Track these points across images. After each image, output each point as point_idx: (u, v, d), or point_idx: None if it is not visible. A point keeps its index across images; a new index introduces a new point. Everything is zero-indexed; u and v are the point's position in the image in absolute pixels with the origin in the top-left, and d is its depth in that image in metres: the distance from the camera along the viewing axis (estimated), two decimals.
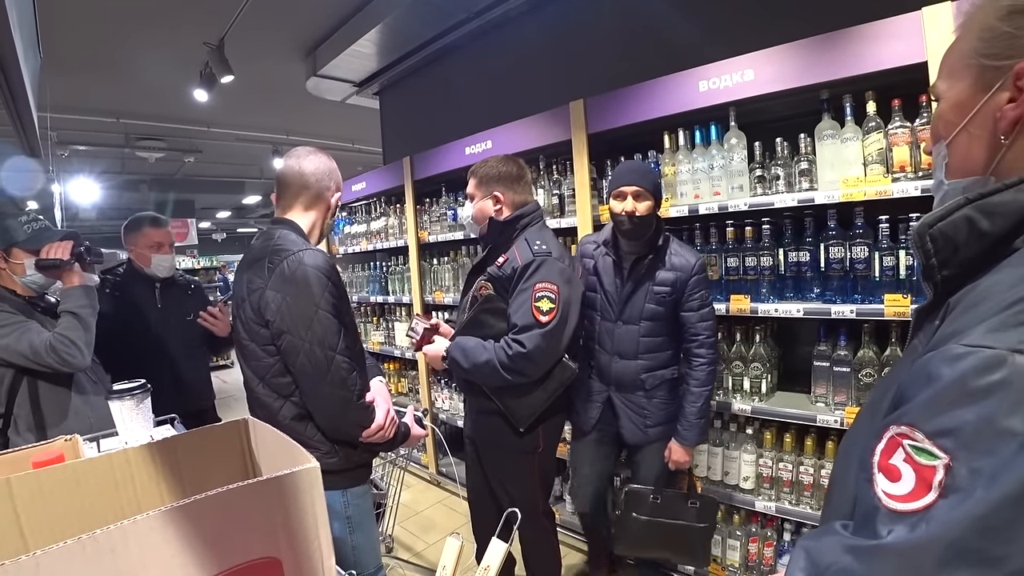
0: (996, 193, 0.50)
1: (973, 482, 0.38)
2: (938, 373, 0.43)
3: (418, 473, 3.86)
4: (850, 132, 1.88)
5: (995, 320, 0.42)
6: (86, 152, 7.29)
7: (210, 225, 16.41)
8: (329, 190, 1.61)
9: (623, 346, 2.04)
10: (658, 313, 1.99)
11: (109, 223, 13.33)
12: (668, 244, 1.99)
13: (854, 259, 1.89)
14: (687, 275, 1.94)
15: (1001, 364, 0.39)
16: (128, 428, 1.52)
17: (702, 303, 1.96)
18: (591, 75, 3.12)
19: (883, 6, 1.76)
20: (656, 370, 2.04)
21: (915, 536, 0.39)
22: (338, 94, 5.10)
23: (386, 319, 4.02)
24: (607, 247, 2.04)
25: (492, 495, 2.10)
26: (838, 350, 1.98)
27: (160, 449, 0.85)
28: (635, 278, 1.99)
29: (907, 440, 0.43)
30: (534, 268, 1.77)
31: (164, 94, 5.43)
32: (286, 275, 1.38)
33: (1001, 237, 0.50)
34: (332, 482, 1.44)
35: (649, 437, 2.08)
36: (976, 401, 0.39)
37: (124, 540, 0.53)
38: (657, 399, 2.06)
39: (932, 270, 0.55)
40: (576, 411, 2.18)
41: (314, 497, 0.65)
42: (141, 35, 4.11)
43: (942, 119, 0.60)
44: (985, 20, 0.55)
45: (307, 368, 1.38)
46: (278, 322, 1.38)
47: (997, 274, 0.48)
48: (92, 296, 1.89)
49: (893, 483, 0.43)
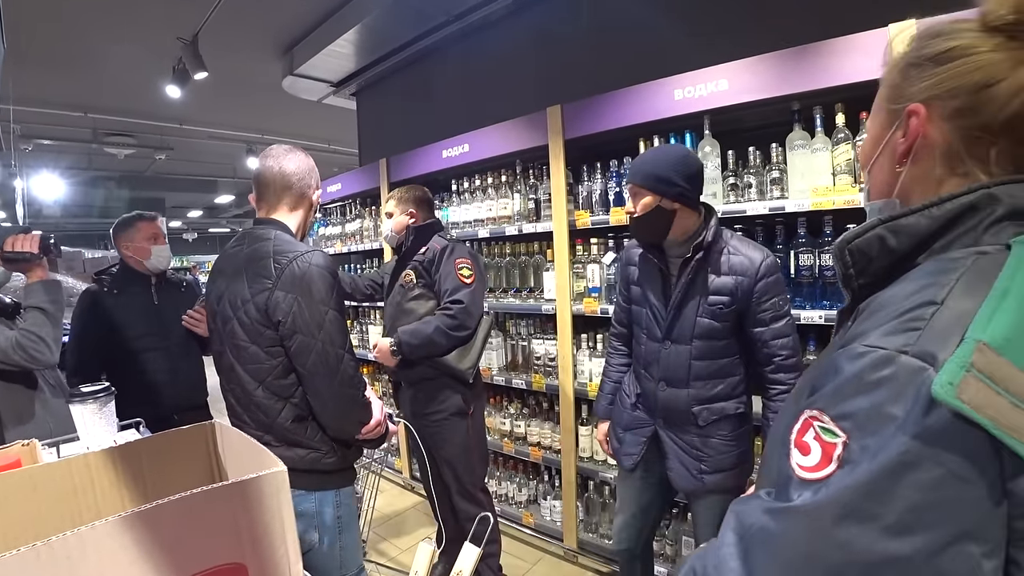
0: (903, 216, 0.59)
1: (862, 456, 0.46)
2: (842, 367, 0.52)
3: (392, 478, 3.83)
4: (820, 143, 1.93)
5: (888, 326, 0.51)
6: (51, 147, 7.10)
7: (181, 224, 16.09)
8: (311, 188, 1.60)
9: (671, 371, 1.68)
10: (715, 330, 1.62)
11: (74, 221, 12.99)
12: (722, 241, 1.63)
13: (823, 266, 1.94)
14: (751, 279, 1.57)
15: (890, 362, 0.47)
16: (90, 433, 1.48)
17: (776, 313, 1.58)
18: (569, 81, 3.14)
19: (852, 22, 1.81)
20: (713, 402, 1.66)
21: (817, 498, 0.48)
22: (315, 94, 5.05)
23: (360, 322, 3.98)
24: (649, 249, 1.72)
25: (441, 479, 2.36)
26: (808, 355, 2.02)
27: (122, 454, 0.83)
28: (684, 286, 1.63)
29: (817, 422, 0.51)
30: (450, 250, 2.24)
31: (135, 89, 5.31)
32: (296, 276, 1.38)
33: (905, 253, 0.59)
34: (328, 482, 1.49)
35: (705, 485, 1.68)
36: (869, 391, 0.48)
37: (81, 547, 0.52)
38: (716, 439, 1.67)
39: (850, 279, 0.64)
40: (617, 439, 1.91)
41: (281, 501, 0.64)
42: (112, 28, 4.02)
43: (864, 151, 0.73)
44: (890, 72, 0.67)
45: (318, 368, 1.39)
46: (289, 323, 1.38)
47: (896, 286, 0.57)
48: (58, 292, 1.85)
49: (804, 456, 0.51)
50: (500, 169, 2.95)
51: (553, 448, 2.79)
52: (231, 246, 1.56)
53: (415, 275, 2.28)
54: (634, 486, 1.90)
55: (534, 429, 2.87)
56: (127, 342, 2.26)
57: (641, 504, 1.91)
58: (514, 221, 2.86)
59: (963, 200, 0.56)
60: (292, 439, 1.44)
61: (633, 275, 1.80)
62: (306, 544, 1.45)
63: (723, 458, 1.68)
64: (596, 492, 2.71)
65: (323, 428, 1.47)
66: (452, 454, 2.29)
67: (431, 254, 2.25)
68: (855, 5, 2.14)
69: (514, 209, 2.86)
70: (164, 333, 2.34)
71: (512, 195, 2.87)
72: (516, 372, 2.95)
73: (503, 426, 2.99)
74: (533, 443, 2.86)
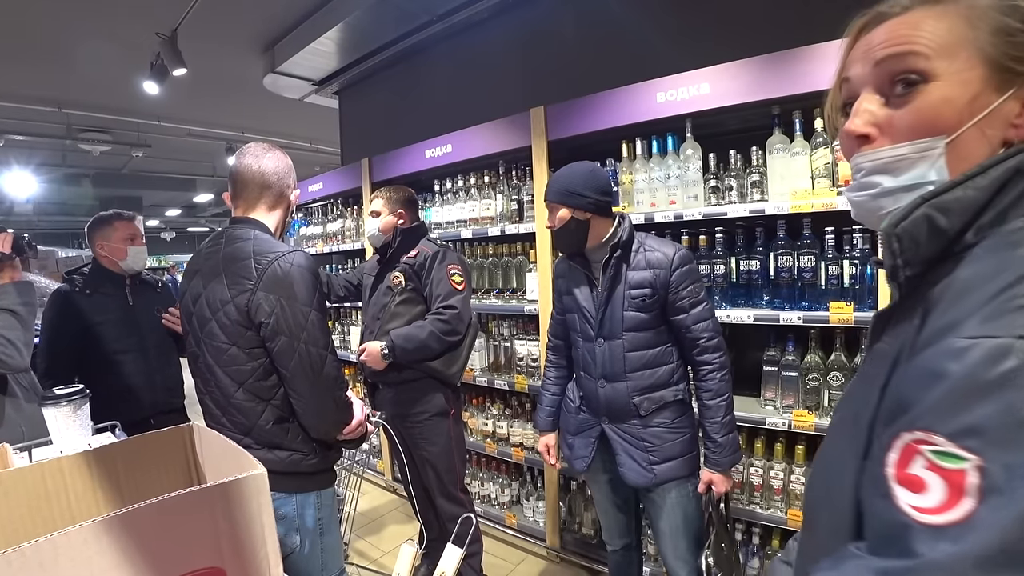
0: (947, 191, 0.50)
1: (1012, 479, 0.36)
2: (945, 369, 0.41)
3: (374, 480, 3.80)
4: (799, 147, 1.96)
5: (987, 310, 0.42)
6: (23, 142, 6.91)
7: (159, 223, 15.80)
8: (289, 187, 1.58)
9: (608, 366, 1.78)
10: (641, 321, 1.73)
11: (47, 219, 12.69)
12: (637, 241, 1.77)
13: (801, 268, 1.97)
14: (667, 270, 1.69)
15: (1008, 352, 0.38)
16: (64, 436, 1.45)
17: (694, 300, 1.70)
18: (552, 82, 3.15)
19: (831, 28, 1.84)
20: (652, 391, 1.74)
21: (962, 548, 0.36)
22: (296, 92, 4.99)
23: (341, 322, 3.94)
24: (572, 259, 1.84)
25: (420, 480, 2.38)
26: (786, 355, 2.05)
27: (97, 457, 0.81)
28: (607, 284, 1.75)
29: (925, 446, 0.40)
30: (442, 255, 2.26)
31: (111, 84, 5.19)
32: (278, 277, 1.37)
33: (956, 233, 0.51)
34: (309, 483, 1.48)
35: (657, 477, 1.74)
36: (994, 393, 0.38)
37: (54, 553, 0.51)
38: (658, 427, 1.75)
39: (898, 270, 0.54)
40: (567, 446, 1.96)
41: (261, 504, 0.63)
42: (87, 21, 3.93)
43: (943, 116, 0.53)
44: (999, 17, 0.52)
45: (301, 369, 1.38)
46: (272, 324, 1.36)
47: (965, 268, 0.49)
48: (30, 292, 1.80)
49: (919, 495, 0.40)
50: (483, 170, 2.95)
51: (536, 449, 2.79)
52: (207, 245, 1.53)
53: (404, 278, 2.27)
54: (602, 488, 1.97)
55: (517, 430, 2.87)
56: (100, 344, 2.21)
57: (616, 502, 1.98)
58: (497, 222, 2.86)
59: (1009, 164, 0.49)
60: (273, 441, 1.42)
61: (563, 286, 1.91)
62: (287, 547, 1.43)
63: (669, 446, 1.75)
64: (579, 492, 2.72)
65: (305, 429, 1.46)
66: (434, 454, 2.30)
67: (422, 258, 2.25)
68: (834, 12, 2.17)
69: (497, 210, 2.86)
70: (139, 334, 2.29)
71: (495, 196, 2.87)
72: (499, 373, 2.94)
73: (486, 427, 2.98)
74: (516, 444, 2.86)
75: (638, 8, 2.85)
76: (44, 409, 1.43)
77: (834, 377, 1.93)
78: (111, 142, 7.00)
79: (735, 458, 1.74)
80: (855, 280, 1.88)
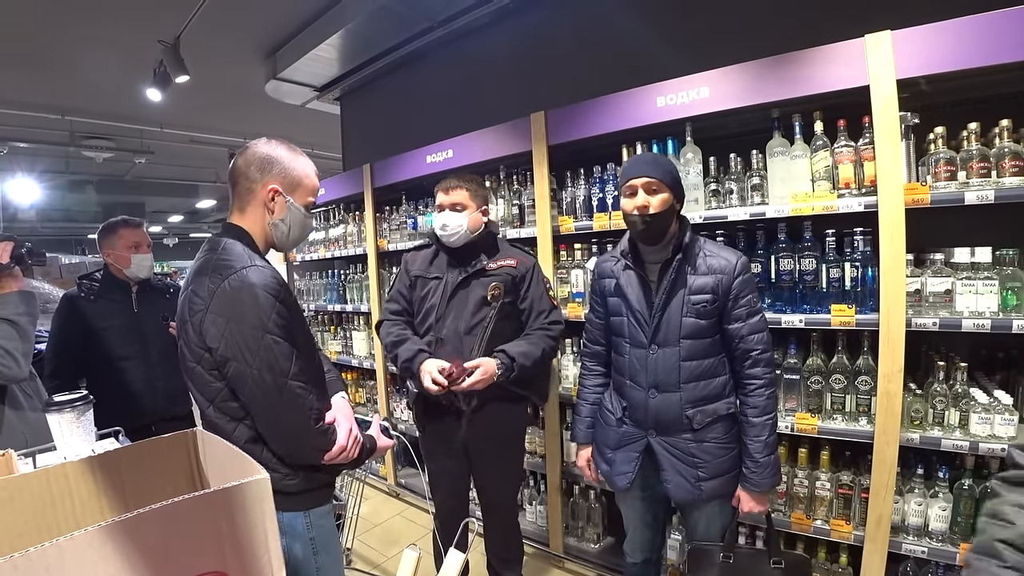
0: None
1: None
2: None
3: (377, 485, 3.80)
4: (799, 150, 1.97)
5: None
6: (27, 149, 6.94)
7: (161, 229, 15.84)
8: (257, 183, 1.34)
9: (661, 376, 1.65)
10: (701, 329, 1.62)
11: (51, 225, 12.73)
12: (698, 245, 1.67)
13: (803, 271, 1.97)
14: (730, 276, 1.61)
15: None
16: (67, 442, 1.45)
17: (751, 310, 1.62)
18: (552, 87, 3.16)
19: (830, 32, 1.86)
20: (706, 403, 1.65)
21: None
22: (298, 98, 5.02)
23: (344, 328, 3.95)
24: (626, 258, 1.71)
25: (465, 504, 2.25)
26: (788, 358, 2.05)
27: (101, 463, 0.82)
28: (667, 288, 1.63)
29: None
30: (536, 268, 2.16)
31: (114, 91, 5.22)
32: (228, 296, 1.22)
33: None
34: (293, 503, 1.35)
35: (703, 494, 1.66)
36: None
37: (60, 558, 0.51)
38: (710, 443, 1.65)
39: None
40: (605, 461, 1.84)
41: (264, 510, 0.63)
42: (91, 28, 3.95)
43: None
44: None
45: (257, 397, 1.25)
46: (222, 348, 1.23)
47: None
48: (31, 303, 1.78)
49: None
50: (484, 175, 2.95)
51: (538, 453, 2.79)
52: (197, 254, 1.41)
53: (503, 289, 2.04)
54: (634, 504, 1.87)
55: None
56: (103, 349, 2.23)
57: (647, 519, 1.90)
58: (498, 227, 2.86)
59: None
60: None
61: (609, 287, 1.78)
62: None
63: (720, 462, 1.66)
64: (582, 497, 2.71)
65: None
66: (508, 466, 2.21)
67: (523, 269, 2.09)
68: (833, 16, 2.19)
69: (498, 215, 2.86)
70: (143, 341, 2.30)
71: (496, 201, 2.88)
72: None
73: None
74: None
75: (637, 13, 2.86)
76: (48, 415, 1.44)
77: (836, 380, 1.93)
78: (114, 149, 7.03)
79: (775, 480, 1.65)
80: (856, 283, 1.88)
